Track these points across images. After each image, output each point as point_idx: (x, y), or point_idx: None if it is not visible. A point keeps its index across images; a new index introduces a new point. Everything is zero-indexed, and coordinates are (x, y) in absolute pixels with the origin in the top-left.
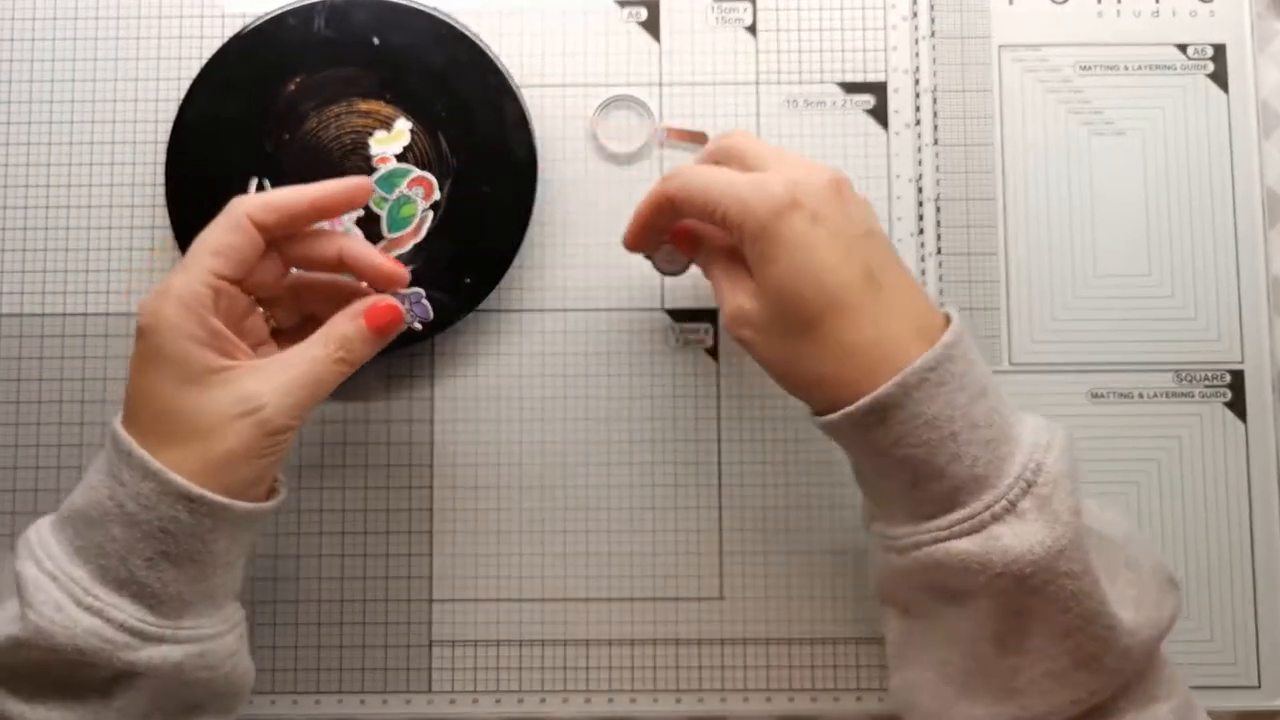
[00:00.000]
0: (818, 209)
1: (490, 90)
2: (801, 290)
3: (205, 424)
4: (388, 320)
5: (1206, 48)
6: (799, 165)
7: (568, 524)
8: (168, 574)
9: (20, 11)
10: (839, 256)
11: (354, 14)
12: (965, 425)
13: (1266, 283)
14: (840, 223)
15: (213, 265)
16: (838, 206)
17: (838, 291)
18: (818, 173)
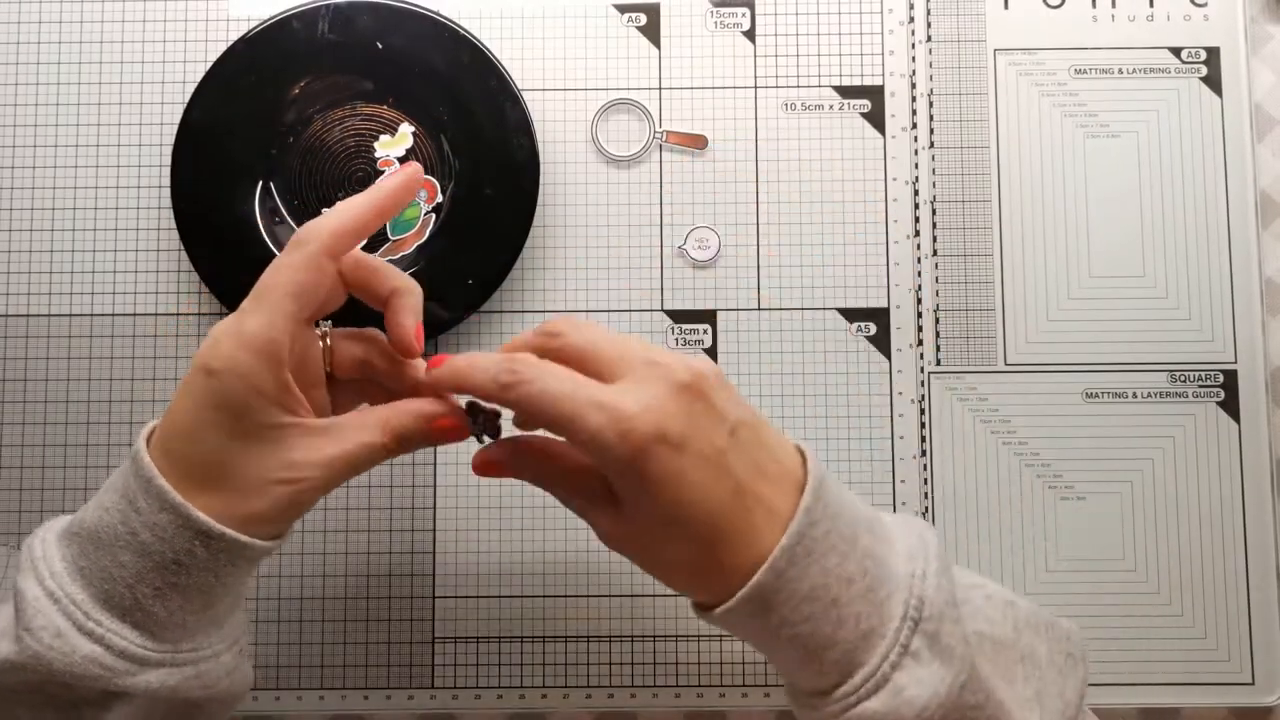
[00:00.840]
0: (680, 434)
1: (492, 94)
2: (673, 526)
3: (244, 481)
4: (453, 435)
5: (1200, 51)
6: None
7: (569, 521)
8: (174, 603)
9: (26, 15)
10: (708, 481)
11: (358, 18)
12: (842, 586)
13: (1259, 284)
14: (702, 441)
15: (291, 310)
16: (697, 421)
17: (713, 520)
18: (671, 381)
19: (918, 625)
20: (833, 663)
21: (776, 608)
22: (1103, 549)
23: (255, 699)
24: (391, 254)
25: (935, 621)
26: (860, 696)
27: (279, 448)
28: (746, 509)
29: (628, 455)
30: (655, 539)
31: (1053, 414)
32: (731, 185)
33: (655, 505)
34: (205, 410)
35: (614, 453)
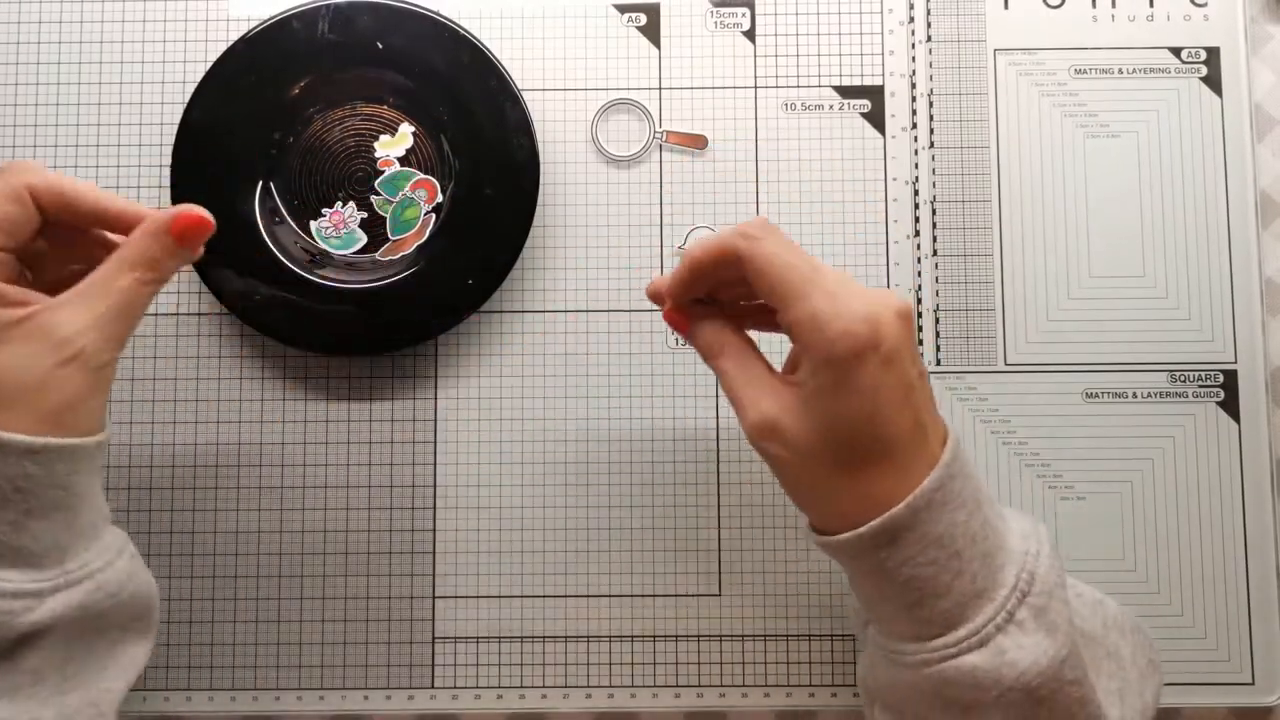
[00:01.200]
0: (891, 351)
1: (492, 94)
2: (859, 435)
3: (29, 380)
4: (201, 235)
5: (1200, 51)
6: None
7: (568, 522)
8: (38, 528)
9: (26, 15)
10: (898, 404)
11: (358, 18)
12: (967, 541)
13: (1260, 284)
14: (906, 364)
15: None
16: (905, 347)
17: (891, 443)
18: (889, 302)
19: (1025, 597)
20: (941, 612)
21: (904, 545)
22: (1103, 549)
23: (255, 699)
24: (391, 254)
25: (1044, 597)
26: (962, 650)
27: (41, 335)
28: (915, 442)
29: (842, 351)
30: (819, 443)
31: (1053, 414)
32: (731, 185)
33: (844, 409)
34: None
35: (829, 343)
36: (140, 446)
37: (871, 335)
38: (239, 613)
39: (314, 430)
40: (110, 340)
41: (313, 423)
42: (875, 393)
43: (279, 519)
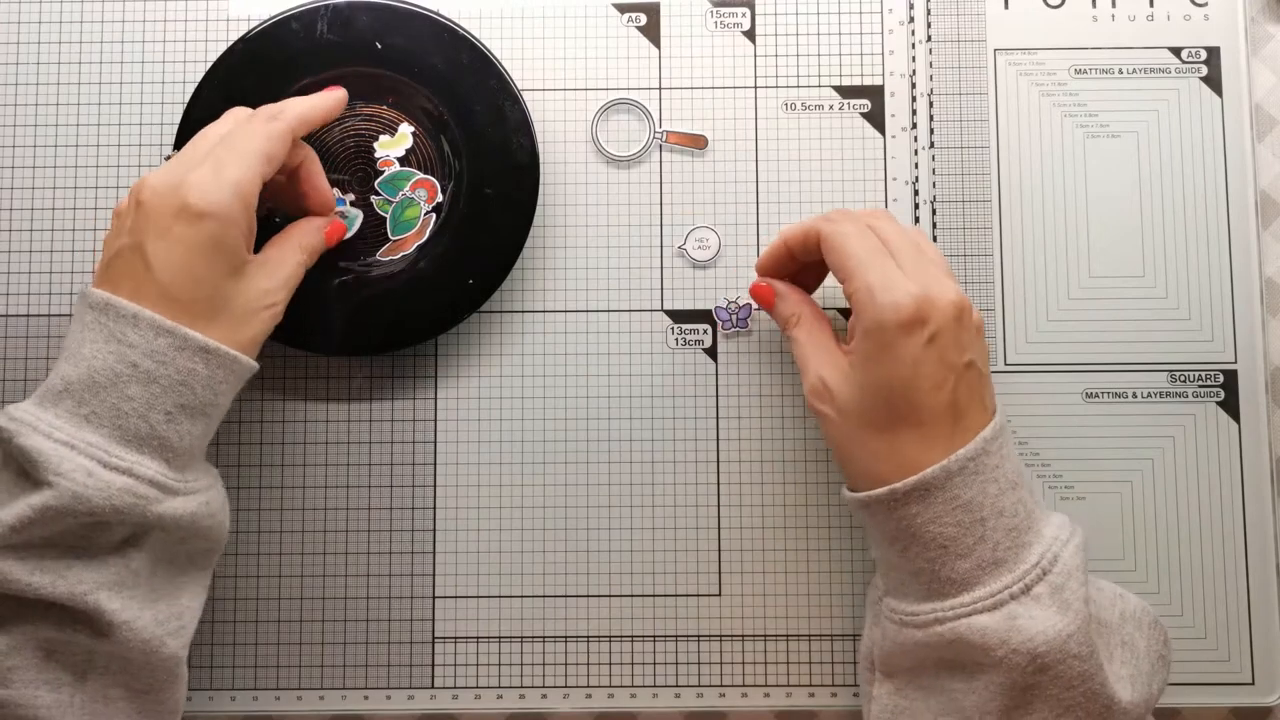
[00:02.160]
0: (937, 331)
1: (492, 94)
2: (893, 401)
3: (239, 311)
4: (341, 237)
5: (1200, 51)
6: (931, 276)
7: (568, 522)
8: (184, 427)
9: (27, 15)
10: (937, 381)
11: (357, 18)
12: (993, 513)
13: (1259, 284)
14: (950, 350)
15: (262, 171)
16: (954, 332)
17: (924, 414)
18: (946, 291)
19: (1045, 575)
20: (960, 572)
21: (933, 504)
22: (1103, 549)
23: (255, 699)
24: (392, 254)
25: (1063, 577)
26: (975, 610)
27: (255, 280)
28: (947, 421)
29: (889, 320)
30: (859, 403)
31: (1053, 414)
32: (731, 185)
33: (883, 373)
34: (204, 252)
35: (878, 312)
36: None
37: (918, 312)
38: (239, 613)
39: (314, 430)
40: (287, 300)
41: (313, 423)
42: (914, 365)
43: (279, 519)
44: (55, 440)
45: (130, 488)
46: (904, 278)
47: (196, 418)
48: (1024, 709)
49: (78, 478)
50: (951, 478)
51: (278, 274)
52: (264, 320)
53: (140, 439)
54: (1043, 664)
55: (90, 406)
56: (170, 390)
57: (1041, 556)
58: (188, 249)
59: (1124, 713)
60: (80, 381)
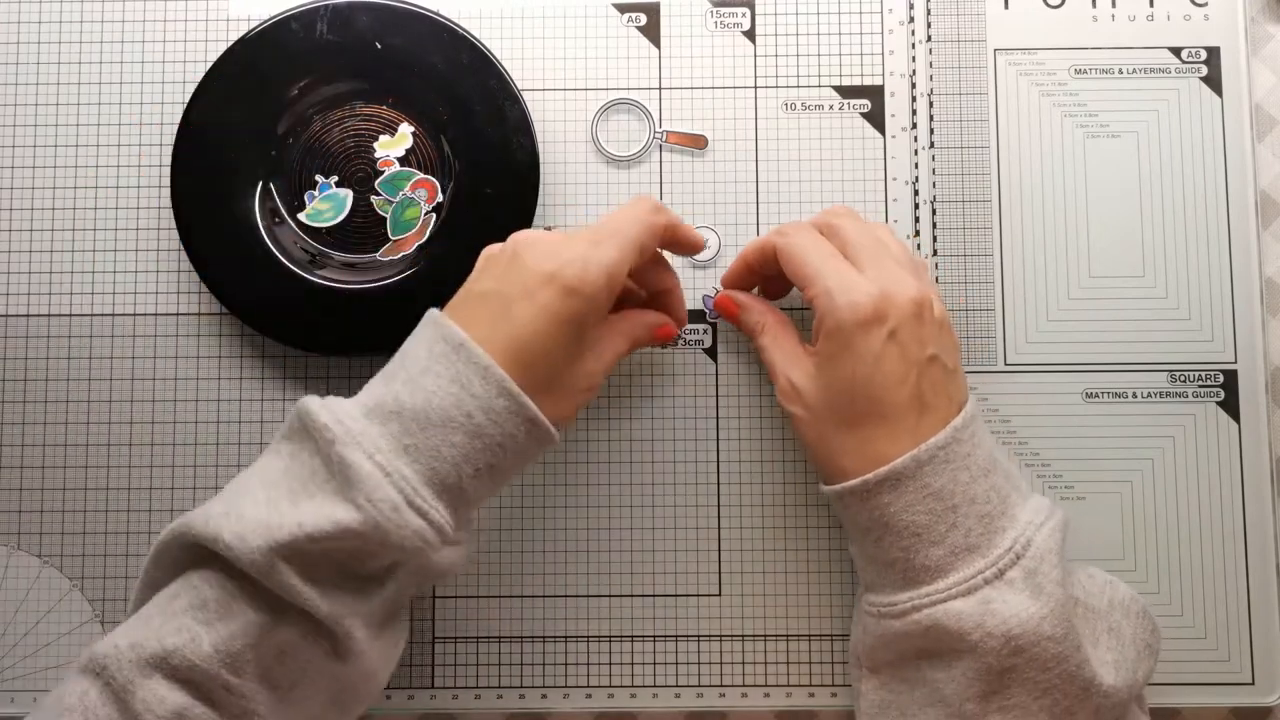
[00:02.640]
0: (896, 327)
1: (492, 94)
2: (856, 397)
3: (568, 388)
4: (669, 339)
5: (1200, 51)
6: (890, 273)
7: (568, 522)
8: (483, 485)
9: (26, 15)
10: (899, 376)
11: (357, 18)
12: (965, 500)
13: (1259, 284)
14: (910, 345)
15: (633, 259)
16: (913, 328)
17: (888, 409)
18: (905, 288)
19: (1019, 559)
20: (934, 559)
21: (905, 493)
22: (1103, 549)
23: None
24: (392, 254)
25: (1036, 561)
26: (950, 596)
27: (587, 358)
28: (912, 414)
29: (847, 320)
30: (826, 401)
31: (1053, 414)
32: (731, 185)
33: (845, 371)
34: (563, 325)
35: (837, 312)
36: (140, 446)
37: (876, 310)
38: None
39: None
40: (602, 384)
41: None
42: (875, 361)
43: None
44: (375, 462)
45: (422, 532)
46: (861, 278)
47: (496, 478)
48: (1002, 693)
49: (384, 510)
50: (922, 467)
51: (603, 357)
52: (583, 398)
53: (445, 486)
54: (1017, 646)
55: (415, 439)
56: (489, 450)
57: (1015, 541)
58: (550, 319)
59: (1104, 695)
60: (414, 411)
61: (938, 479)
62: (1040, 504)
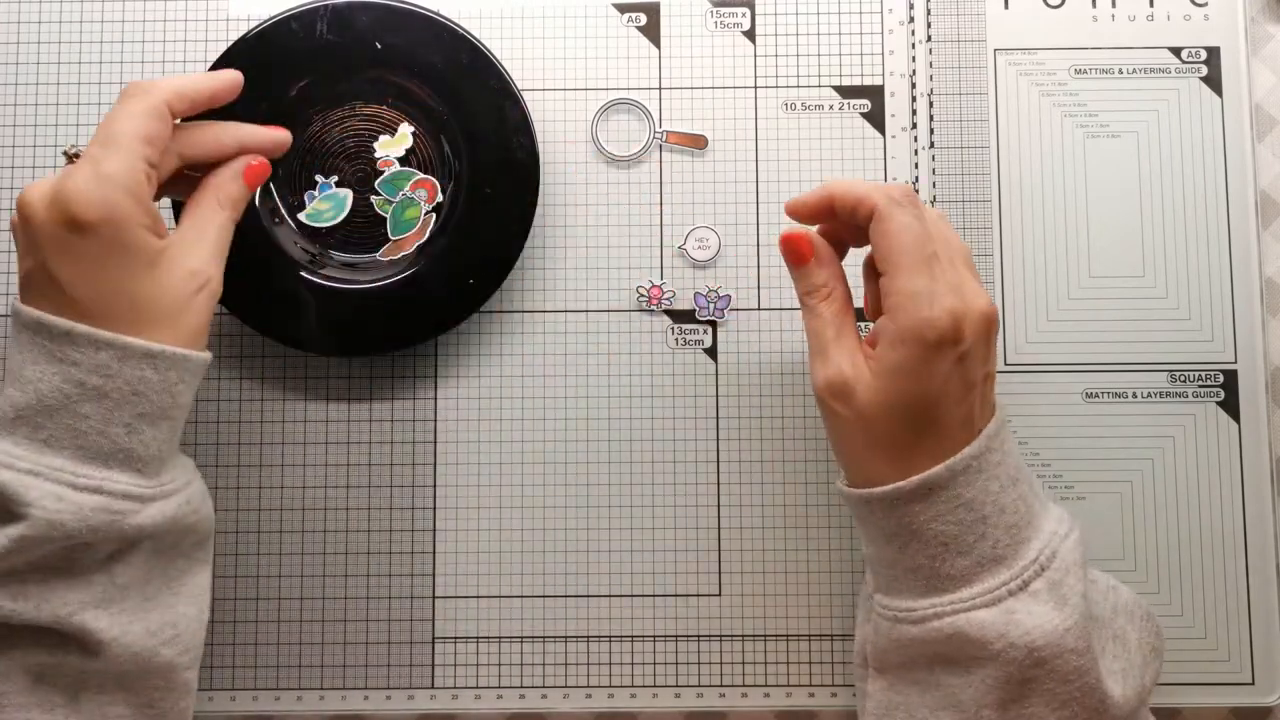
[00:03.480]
0: (969, 350)
1: (492, 94)
2: (913, 415)
3: (170, 305)
4: (262, 178)
5: (1200, 51)
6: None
7: (568, 522)
8: (147, 435)
9: (26, 15)
10: (958, 398)
11: (356, 18)
12: (994, 510)
13: (1260, 284)
14: (976, 366)
15: (145, 153)
16: (982, 348)
17: (942, 428)
18: (979, 302)
19: (1043, 571)
20: (960, 569)
21: (936, 503)
22: (1103, 549)
23: (255, 699)
24: (392, 254)
25: (1061, 573)
26: (974, 605)
27: (176, 265)
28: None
29: (928, 337)
30: (882, 414)
31: (1053, 414)
32: (731, 185)
33: (912, 389)
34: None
35: (917, 326)
36: None
37: (954, 330)
38: (239, 613)
39: (314, 430)
40: (221, 269)
41: (313, 423)
42: (944, 382)
43: (279, 519)
44: (18, 470)
45: (104, 505)
46: (944, 290)
47: (159, 422)
48: (1021, 702)
49: (48, 504)
50: (956, 477)
51: (201, 247)
52: (201, 304)
53: (105, 455)
54: (1039, 658)
55: (47, 430)
56: (124, 403)
57: (1040, 552)
58: (90, 262)
59: (1116, 708)
60: (30, 406)
61: (970, 489)
62: (1061, 514)
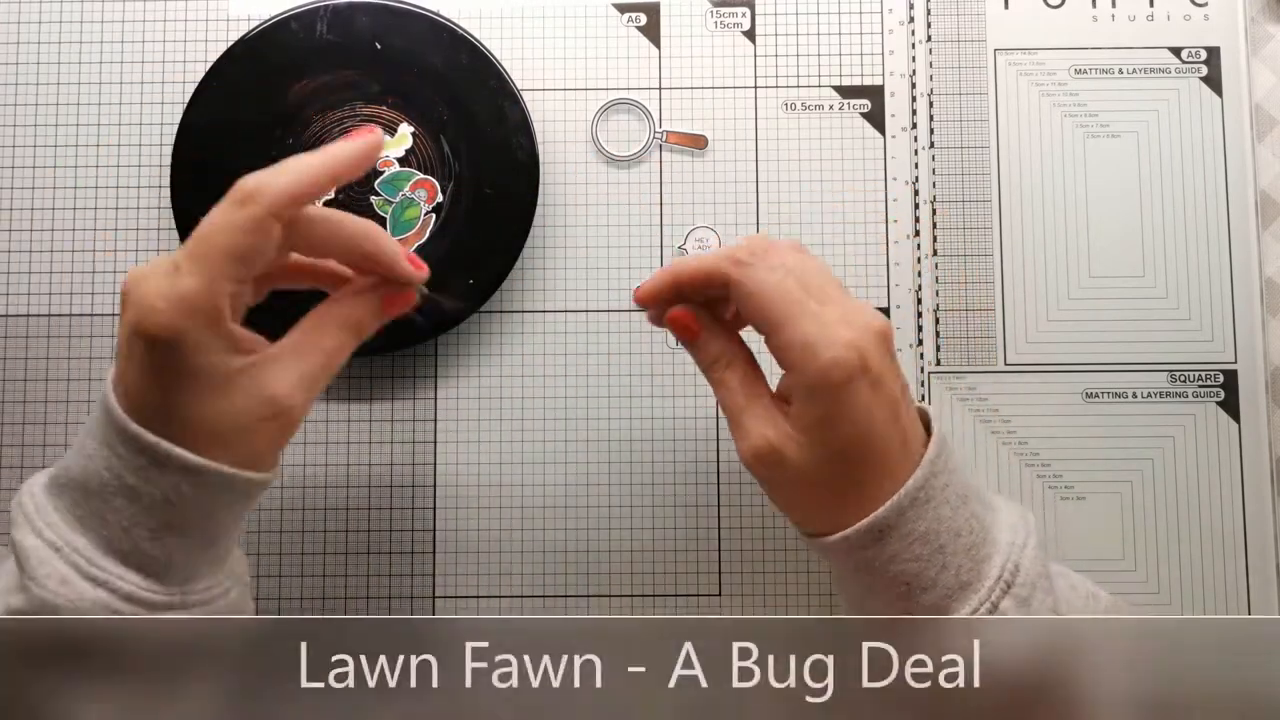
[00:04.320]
0: (878, 373)
1: (492, 93)
2: (854, 458)
3: (235, 428)
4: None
5: (1200, 51)
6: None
7: (568, 522)
8: (172, 544)
9: (26, 15)
10: (888, 423)
11: (356, 18)
12: (950, 536)
13: (1259, 284)
14: (892, 383)
15: (232, 274)
16: (890, 364)
17: (884, 458)
18: (873, 322)
19: (1010, 589)
20: (928, 606)
21: (890, 543)
22: (1103, 549)
23: None
24: None
25: (1027, 589)
26: None
27: (254, 388)
28: (907, 455)
29: (835, 379)
30: (818, 469)
31: (1052, 414)
32: (731, 185)
33: (840, 435)
34: (169, 380)
35: (822, 372)
36: None
37: (860, 361)
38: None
39: (314, 430)
40: (311, 397)
41: (313, 423)
42: (868, 415)
43: (279, 519)
44: (44, 539)
45: (104, 602)
46: (832, 325)
47: (189, 535)
48: None
49: (50, 585)
50: (904, 513)
51: (291, 372)
52: (269, 432)
53: (124, 553)
54: None
55: (84, 509)
56: (154, 508)
57: (1002, 569)
58: (153, 374)
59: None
60: (75, 482)
61: (921, 522)
62: (1012, 516)
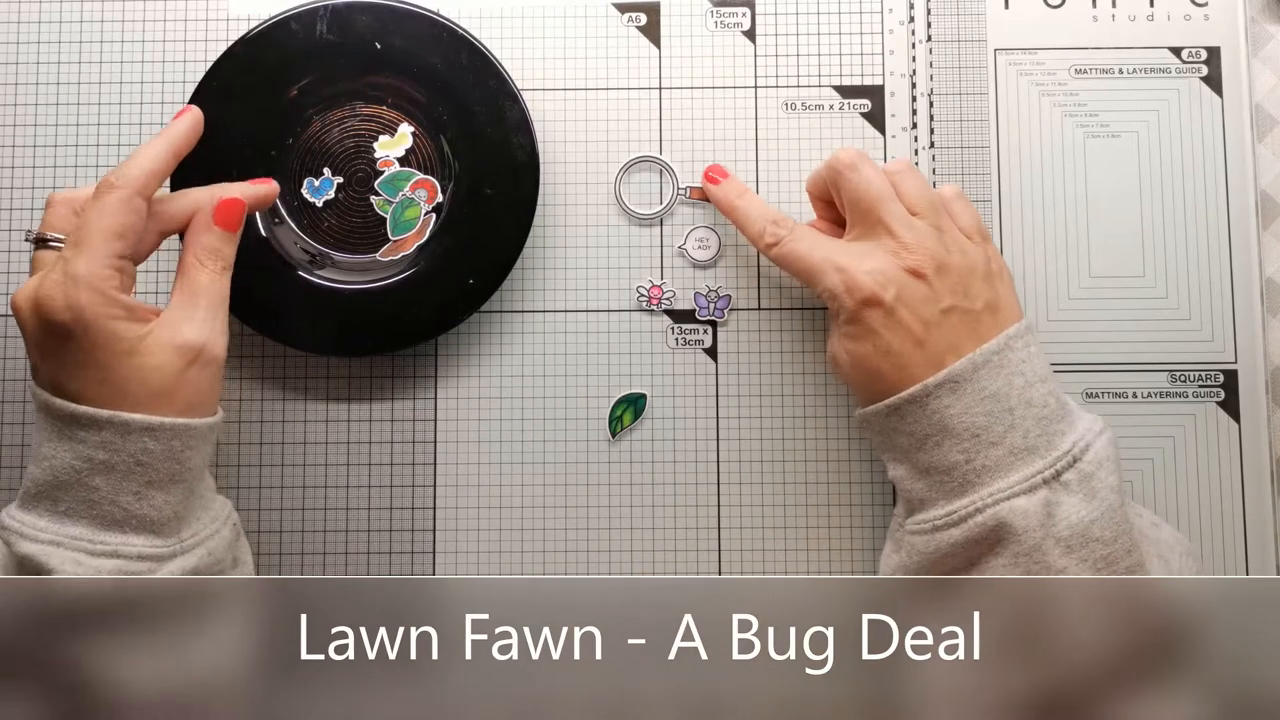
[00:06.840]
0: (895, 300)
1: (492, 93)
2: (874, 371)
3: (161, 384)
4: (237, 214)
5: (1201, 51)
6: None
7: (569, 522)
8: (157, 499)
9: (26, 15)
10: (913, 343)
11: (356, 18)
12: (1021, 403)
13: (1260, 284)
14: (910, 314)
15: (116, 248)
16: (918, 291)
17: (910, 371)
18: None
19: (1076, 463)
20: (993, 459)
21: (963, 395)
22: None
23: None
24: (392, 254)
25: (1093, 466)
26: (1012, 494)
27: (165, 344)
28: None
29: (853, 303)
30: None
31: None
32: None
33: (867, 352)
34: (84, 362)
35: (843, 300)
36: None
37: (871, 291)
38: None
39: (314, 430)
40: (217, 333)
41: (313, 423)
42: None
43: (279, 519)
44: (42, 541)
45: (120, 568)
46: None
47: (169, 487)
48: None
49: (68, 570)
50: (978, 370)
51: (189, 319)
52: (196, 376)
53: (119, 522)
54: (1067, 546)
55: (65, 503)
56: (130, 474)
57: (1074, 445)
58: (73, 359)
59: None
60: (48, 482)
61: (994, 382)
62: (1095, 418)
